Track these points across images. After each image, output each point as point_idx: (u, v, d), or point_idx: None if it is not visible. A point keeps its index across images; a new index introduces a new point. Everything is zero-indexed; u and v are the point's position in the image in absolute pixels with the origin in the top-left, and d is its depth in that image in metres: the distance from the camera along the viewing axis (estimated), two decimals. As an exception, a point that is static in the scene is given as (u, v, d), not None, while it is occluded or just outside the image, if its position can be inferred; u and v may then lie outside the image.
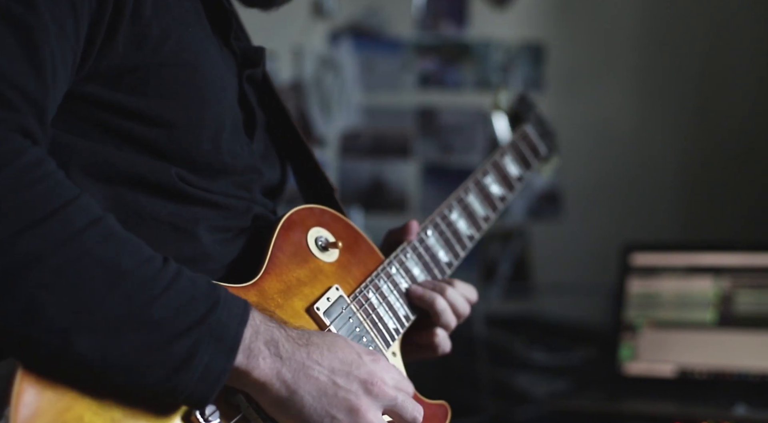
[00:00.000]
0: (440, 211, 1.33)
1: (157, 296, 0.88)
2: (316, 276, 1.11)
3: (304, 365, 0.94)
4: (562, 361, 2.93)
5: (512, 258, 3.58)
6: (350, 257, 1.17)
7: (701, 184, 3.72)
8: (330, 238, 1.15)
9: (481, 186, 1.44)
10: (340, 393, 0.95)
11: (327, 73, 3.34)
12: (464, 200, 1.38)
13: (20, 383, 0.83)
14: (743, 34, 3.68)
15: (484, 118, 3.54)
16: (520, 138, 1.61)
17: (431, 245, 1.29)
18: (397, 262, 1.23)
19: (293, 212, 1.13)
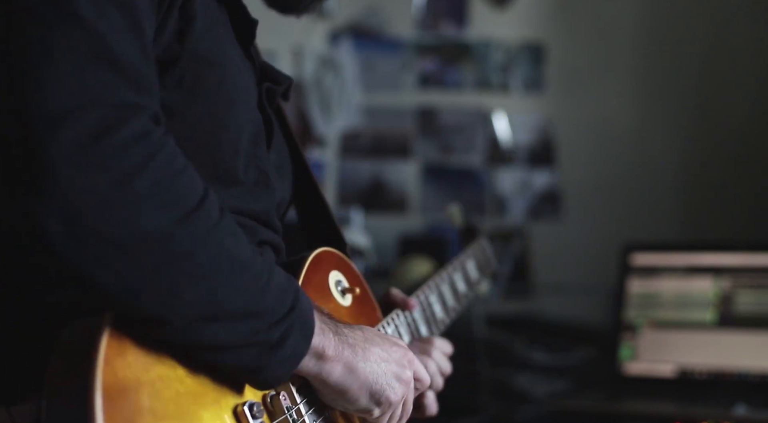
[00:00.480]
0: (422, 291, 1.42)
1: (266, 286, 0.93)
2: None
3: (357, 338, 1.04)
4: (562, 361, 2.93)
5: (512, 258, 3.58)
6: (360, 308, 1.22)
7: (701, 184, 3.72)
8: (346, 284, 1.21)
9: (452, 280, 1.54)
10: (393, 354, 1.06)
11: (327, 73, 3.34)
12: (440, 287, 1.48)
13: (110, 332, 0.85)
14: (743, 34, 3.68)
15: (484, 118, 3.54)
16: (479, 248, 1.76)
17: (416, 319, 1.37)
18: (394, 325, 1.30)
19: (320, 252, 1.18)
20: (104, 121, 0.83)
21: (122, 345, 0.86)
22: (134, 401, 0.84)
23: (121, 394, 0.83)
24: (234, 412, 0.94)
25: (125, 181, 0.83)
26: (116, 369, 0.84)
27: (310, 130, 3.34)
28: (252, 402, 0.95)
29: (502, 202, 3.58)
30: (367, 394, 1.03)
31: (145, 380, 0.86)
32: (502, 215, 3.57)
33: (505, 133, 3.58)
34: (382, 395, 1.04)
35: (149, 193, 0.84)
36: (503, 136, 3.58)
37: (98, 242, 0.82)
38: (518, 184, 3.60)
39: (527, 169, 3.61)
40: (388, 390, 1.04)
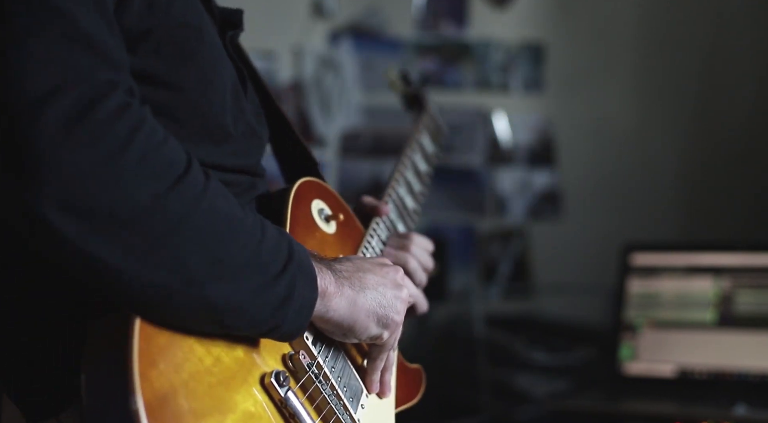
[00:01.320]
0: (392, 187, 1.44)
1: (261, 241, 0.94)
2: (323, 247, 1.18)
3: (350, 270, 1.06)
4: (562, 361, 2.93)
5: (512, 258, 3.58)
6: (344, 229, 1.24)
7: (701, 184, 3.72)
8: (329, 211, 1.22)
9: (413, 162, 1.55)
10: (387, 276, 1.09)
11: (327, 73, 3.34)
12: (406, 176, 1.49)
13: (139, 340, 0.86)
14: (743, 34, 3.68)
15: (484, 118, 3.54)
16: (429, 117, 1.72)
17: (393, 219, 1.40)
18: (376, 235, 1.32)
19: (300, 184, 1.19)
20: (84, 99, 0.83)
21: (151, 353, 0.86)
22: (175, 407, 0.85)
23: (162, 405, 0.84)
24: (263, 386, 0.96)
25: (114, 155, 0.83)
26: (152, 381, 0.84)
27: (310, 130, 3.34)
28: (277, 371, 0.97)
29: (502, 202, 3.58)
30: (374, 321, 1.06)
31: (178, 383, 0.87)
32: (502, 215, 3.57)
33: (505, 133, 3.58)
34: (388, 318, 1.07)
35: (139, 163, 0.85)
36: (503, 136, 3.58)
37: (97, 219, 0.83)
38: (518, 184, 3.60)
39: (527, 169, 3.61)
40: (391, 312, 1.07)
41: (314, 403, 1.01)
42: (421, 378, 1.33)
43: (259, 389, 0.95)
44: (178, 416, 0.85)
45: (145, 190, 0.85)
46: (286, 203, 1.15)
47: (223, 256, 0.90)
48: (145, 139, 0.86)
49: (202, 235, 0.88)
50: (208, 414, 0.88)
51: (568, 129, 3.63)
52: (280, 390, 0.96)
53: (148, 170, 0.85)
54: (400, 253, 1.32)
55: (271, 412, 0.95)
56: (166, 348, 0.88)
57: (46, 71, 0.82)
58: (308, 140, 3.35)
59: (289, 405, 0.96)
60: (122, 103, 0.86)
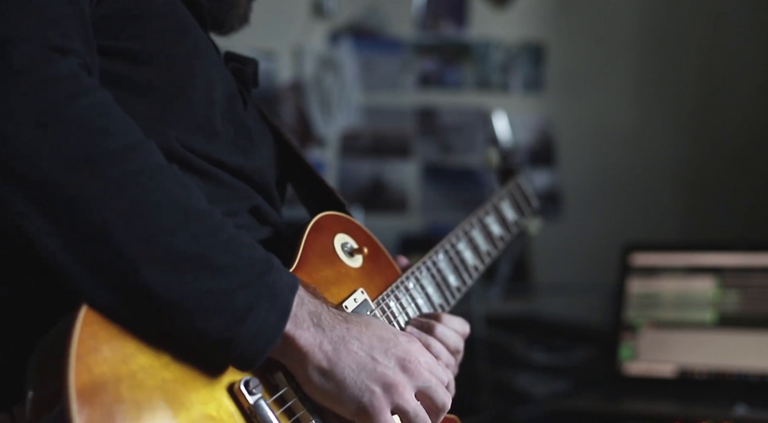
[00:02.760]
0: (448, 240, 1.37)
1: (222, 244, 0.89)
2: (343, 279, 1.14)
3: (344, 339, 0.96)
4: (562, 361, 2.93)
5: (512, 258, 3.58)
6: (372, 266, 1.20)
7: (701, 184, 3.72)
8: (355, 245, 1.19)
9: (483, 224, 1.49)
10: (378, 368, 0.96)
11: (327, 73, 3.34)
12: (469, 234, 1.43)
13: (82, 327, 0.84)
14: (743, 34, 3.68)
15: (484, 118, 3.54)
16: (515, 187, 1.69)
17: (442, 268, 1.32)
18: (414, 278, 1.25)
19: (322, 216, 1.16)
20: (26, 58, 0.84)
21: (97, 340, 0.85)
22: (113, 396, 0.83)
23: (97, 392, 0.82)
24: (230, 391, 0.93)
25: (48, 113, 0.83)
26: (90, 366, 0.83)
27: (310, 130, 3.34)
28: (248, 378, 0.94)
29: (502, 202, 3.58)
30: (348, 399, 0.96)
31: (123, 373, 0.85)
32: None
33: (506, 134, 3.58)
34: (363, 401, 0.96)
35: (73, 124, 0.84)
36: (504, 137, 3.57)
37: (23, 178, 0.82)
38: (518, 184, 3.59)
39: (527, 169, 3.61)
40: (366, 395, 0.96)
41: (293, 418, 0.97)
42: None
43: (226, 395, 0.93)
44: (117, 405, 0.83)
45: (76, 145, 0.83)
46: (302, 232, 1.12)
47: (162, 239, 0.85)
48: (82, 107, 0.85)
49: (138, 209, 0.85)
50: (156, 408, 0.86)
51: (568, 129, 3.63)
52: (249, 398, 0.93)
53: (85, 128, 0.84)
54: (422, 335, 1.18)
55: (237, 419, 0.92)
56: (118, 337, 0.86)
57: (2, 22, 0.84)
58: (308, 140, 3.35)
59: (260, 414, 0.93)
60: (68, 73, 0.86)
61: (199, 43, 1.08)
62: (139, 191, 0.85)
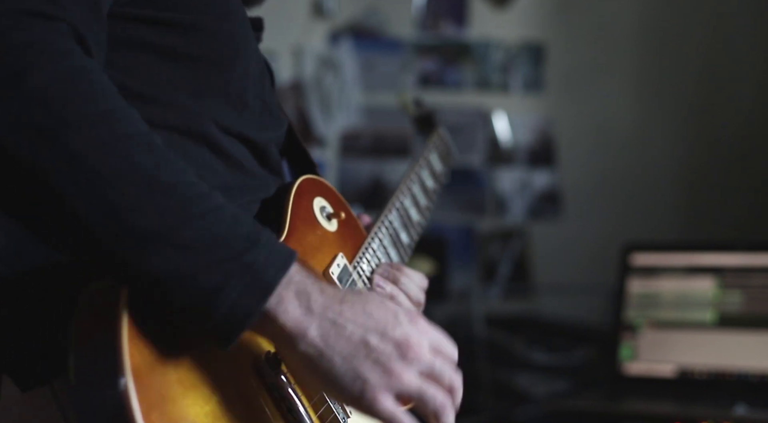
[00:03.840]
0: (397, 197, 1.40)
1: (193, 217, 0.86)
2: (324, 244, 1.16)
3: (336, 323, 0.89)
4: (562, 361, 2.93)
5: (512, 258, 3.58)
6: (345, 228, 1.22)
7: (701, 184, 3.73)
8: (331, 210, 1.21)
9: (421, 179, 1.53)
10: (372, 354, 0.89)
11: (327, 73, 3.34)
12: (411, 190, 1.46)
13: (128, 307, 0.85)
14: (743, 34, 3.68)
15: (484, 118, 3.54)
16: (439, 139, 1.71)
17: (396, 227, 1.35)
18: (377, 239, 1.28)
19: (302, 180, 1.17)
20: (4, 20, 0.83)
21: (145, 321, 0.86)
22: (162, 375, 0.85)
23: (150, 372, 0.84)
24: (255, 368, 0.94)
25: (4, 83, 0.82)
26: (141, 347, 0.84)
27: (310, 130, 3.34)
28: (268, 353, 0.95)
29: (502, 202, 3.58)
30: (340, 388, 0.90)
31: (169, 352, 0.87)
32: (502, 215, 3.57)
33: (505, 133, 3.58)
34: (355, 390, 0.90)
35: (30, 94, 0.82)
36: (503, 136, 3.58)
37: None
38: (518, 184, 3.60)
39: (527, 169, 3.61)
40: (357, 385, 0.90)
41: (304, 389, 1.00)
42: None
43: (252, 370, 0.95)
44: (166, 385, 0.85)
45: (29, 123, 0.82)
46: (287, 198, 1.13)
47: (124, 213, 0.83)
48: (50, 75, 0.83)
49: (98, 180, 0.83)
50: (198, 386, 0.88)
51: (568, 129, 3.63)
52: (271, 372, 0.94)
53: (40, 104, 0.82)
54: (389, 286, 1.20)
55: (262, 393, 0.94)
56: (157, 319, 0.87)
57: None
58: (308, 140, 3.35)
59: (280, 388, 0.95)
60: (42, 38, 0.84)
61: (241, 16, 1.08)
62: (100, 164, 0.83)
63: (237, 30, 1.06)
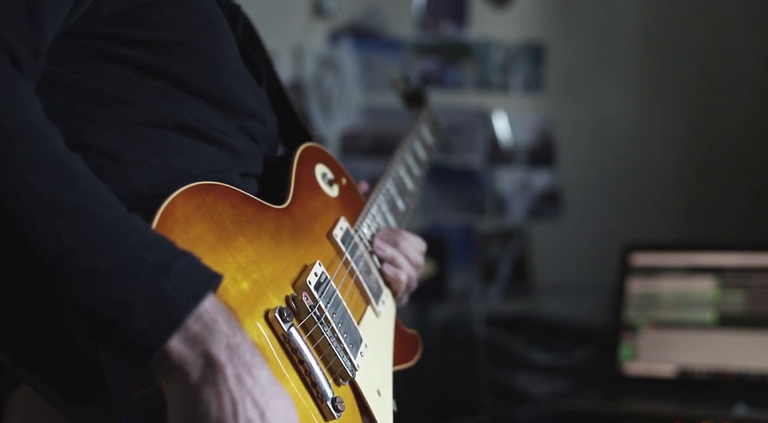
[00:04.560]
0: (393, 168, 1.45)
1: (92, 245, 0.84)
2: (327, 208, 1.21)
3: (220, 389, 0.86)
4: (562, 361, 2.93)
5: (512, 258, 3.58)
6: (346, 194, 1.27)
7: (701, 184, 3.73)
8: (332, 176, 1.26)
9: (413, 150, 1.58)
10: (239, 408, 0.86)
11: (327, 73, 3.34)
12: (406, 160, 1.51)
13: None
14: (743, 34, 3.68)
15: (484, 118, 3.54)
16: (428, 112, 1.76)
17: (393, 195, 1.41)
18: (377, 205, 1.34)
19: (304, 149, 1.22)
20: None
21: None
22: None
23: None
24: (267, 320, 0.97)
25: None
26: None
27: (310, 130, 3.34)
28: (281, 307, 0.98)
29: (502, 202, 3.58)
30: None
31: None
32: (502, 215, 3.57)
33: (505, 133, 3.58)
34: None
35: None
36: (503, 136, 3.58)
37: None
38: (518, 184, 3.60)
39: (527, 169, 3.61)
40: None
41: (315, 343, 1.02)
42: (418, 343, 1.32)
43: (263, 323, 0.97)
44: None
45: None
46: (291, 165, 1.17)
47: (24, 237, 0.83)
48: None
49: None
50: None
51: (568, 129, 3.63)
52: (283, 325, 0.97)
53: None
54: (389, 248, 1.27)
55: (274, 345, 0.97)
56: None
57: None
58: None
59: (292, 340, 0.98)
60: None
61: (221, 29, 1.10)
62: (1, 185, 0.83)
63: (217, 38, 1.08)
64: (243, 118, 1.12)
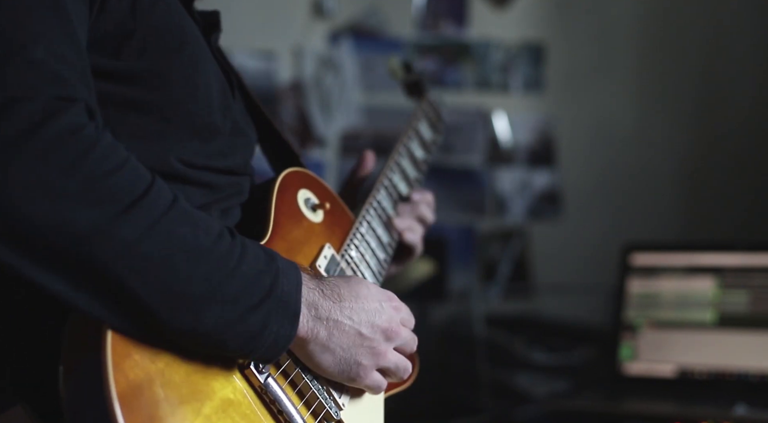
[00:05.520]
0: (385, 174, 1.43)
1: (232, 272, 0.92)
2: (310, 236, 1.18)
3: (337, 322, 1.03)
4: (562, 361, 2.93)
5: (512, 258, 3.58)
6: (331, 218, 1.24)
7: (701, 184, 3.73)
8: (315, 200, 1.23)
9: (410, 151, 1.55)
10: (365, 343, 1.05)
11: (327, 73, 3.34)
12: (401, 164, 1.49)
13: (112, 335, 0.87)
14: (743, 34, 3.68)
15: (484, 118, 3.54)
16: (428, 105, 1.70)
17: (385, 206, 1.39)
18: (365, 222, 1.32)
19: (285, 175, 1.20)
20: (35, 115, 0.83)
21: (126, 345, 0.88)
22: (149, 396, 0.87)
23: (136, 395, 0.85)
24: (242, 372, 0.98)
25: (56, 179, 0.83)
26: (126, 372, 0.86)
27: (310, 131, 3.34)
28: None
29: (502, 202, 3.58)
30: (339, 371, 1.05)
31: (154, 372, 0.88)
32: (502, 215, 3.57)
33: (505, 133, 3.58)
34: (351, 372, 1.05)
35: (82, 190, 0.84)
36: (503, 136, 3.58)
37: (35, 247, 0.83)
38: (518, 184, 3.60)
39: (527, 169, 3.61)
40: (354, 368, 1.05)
41: (296, 388, 1.03)
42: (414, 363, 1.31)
43: (239, 377, 0.97)
44: (154, 405, 0.86)
45: (85, 217, 0.84)
46: (270, 194, 1.16)
47: (178, 287, 0.88)
48: (93, 165, 0.85)
49: (151, 265, 0.87)
50: (186, 402, 0.90)
51: (568, 129, 3.63)
52: (259, 376, 0.98)
53: (92, 197, 0.84)
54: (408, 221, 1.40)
55: (252, 398, 0.97)
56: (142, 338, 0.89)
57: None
58: (308, 140, 3.35)
59: (269, 391, 0.98)
60: (74, 124, 0.85)
61: (196, 47, 1.08)
62: (151, 248, 0.87)
63: (194, 59, 1.06)
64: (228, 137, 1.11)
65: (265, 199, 1.15)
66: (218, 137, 1.09)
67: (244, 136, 1.16)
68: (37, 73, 0.85)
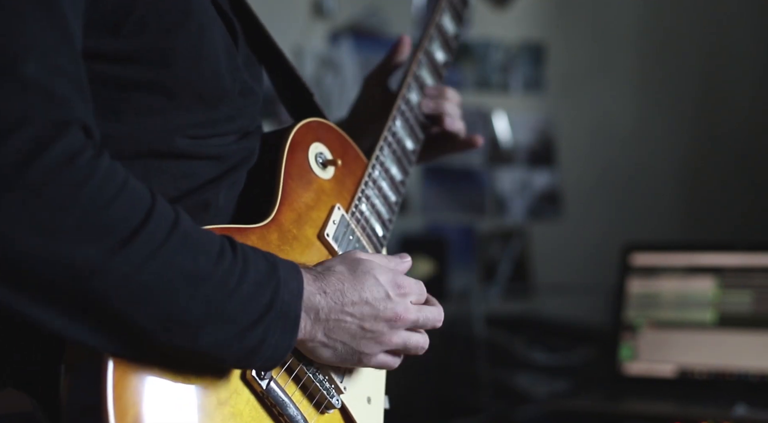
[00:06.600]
0: (403, 96, 1.35)
1: (231, 293, 0.90)
2: (320, 197, 1.14)
3: (338, 320, 1.00)
4: (562, 361, 2.93)
5: (512, 258, 3.58)
6: (343, 169, 1.18)
7: (701, 184, 3.73)
8: (328, 155, 1.17)
9: (430, 56, 1.46)
10: (368, 335, 1.02)
11: (327, 73, 3.34)
12: (420, 77, 1.41)
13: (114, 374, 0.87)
14: (743, 35, 3.68)
15: (484, 118, 3.54)
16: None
17: (401, 137, 1.31)
18: (379, 164, 1.25)
19: (295, 132, 1.14)
20: (27, 145, 0.80)
21: (126, 372, 0.87)
22: (147, 397, 0.87)
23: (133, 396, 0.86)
24: (243, 379, 0.97)
25: (54, 213, 0.80)
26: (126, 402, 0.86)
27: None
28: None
29: (502, 202, 3.58)
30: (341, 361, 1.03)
31: (155, 397, 0.88)
32: (502, 215, 3.57)
33: (505, 133, 3.58)
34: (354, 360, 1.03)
35: (78, 226, 0.81)
36: (503, 136, 3.58)
37: (32, 278, 0.81)
38: (518, 184, 3.60)
39: (527, 169, 3.61)
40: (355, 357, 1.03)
41: (300, 382, 1.03)
42: None
43: (240, 384, 0.97)
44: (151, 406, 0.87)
45: (83, 254, 0.81)
46: (281, 154, 1.11)
47: (178, 312, 0.87)
48: (89, 198, 0.82)
49: (149, 295, 0.85)
50: (184, 403, 0.90)
51: (568, 129, 3.63)
52: (261, 382, 0.97)
53: (89, 232, 0.82)
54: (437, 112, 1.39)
55: (253, 405, 0.97)
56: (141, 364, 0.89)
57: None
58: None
59: (271, 396, 0.98)
60: (68, 152, 0.82)
61: (200, 14, 1.02)
62: (150, 277, 0.85)
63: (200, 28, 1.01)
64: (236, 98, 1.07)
65: (275, 161, 1.11)
66: (226, 101, 1.05)
67: (252, 94, 1.11)
68: (28, 96, 0.82)
